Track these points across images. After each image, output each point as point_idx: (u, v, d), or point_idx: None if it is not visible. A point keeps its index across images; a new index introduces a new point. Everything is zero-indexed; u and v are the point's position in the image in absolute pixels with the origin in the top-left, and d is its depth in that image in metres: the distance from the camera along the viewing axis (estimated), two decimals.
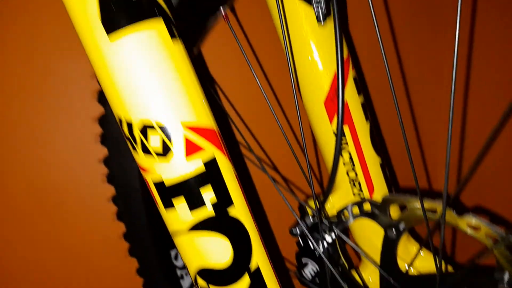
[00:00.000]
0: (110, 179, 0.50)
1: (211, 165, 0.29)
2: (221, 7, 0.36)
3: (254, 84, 0.44)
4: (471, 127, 0.70)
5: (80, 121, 0.56)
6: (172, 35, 0.27)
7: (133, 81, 0.26)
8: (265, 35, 0.57)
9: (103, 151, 0.48)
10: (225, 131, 0.56)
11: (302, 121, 0.38)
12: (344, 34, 0.41)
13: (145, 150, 0.28)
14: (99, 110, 0.46)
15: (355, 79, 0.43)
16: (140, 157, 0.28)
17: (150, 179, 0.29)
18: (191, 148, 0.28)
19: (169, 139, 0.27)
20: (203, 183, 0.28)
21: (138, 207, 0.51)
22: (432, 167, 0.74)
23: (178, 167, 0.28)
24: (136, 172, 0.48)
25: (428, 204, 0.37)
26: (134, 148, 0.28)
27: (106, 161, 0.49)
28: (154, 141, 0.27)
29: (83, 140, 0.57)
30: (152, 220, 0.51)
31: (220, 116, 0.35)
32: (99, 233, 0.62)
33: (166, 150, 0.27)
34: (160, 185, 0.29)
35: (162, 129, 0.27)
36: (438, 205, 0.37)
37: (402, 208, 0.41)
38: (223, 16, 0.37)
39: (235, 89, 0.60)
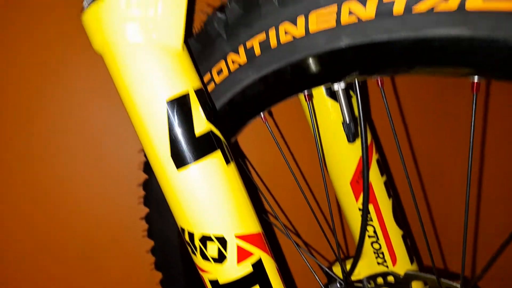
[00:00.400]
0: (150, 234, 0.56)
1: (258, 266, 0.34)
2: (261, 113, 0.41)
3: (286, 166, 0.49)
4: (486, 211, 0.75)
5: (127, 185, 0.62)
6: (227, 161, 0.33)
7: (196, 202, 0.32)
8: (297, 124, 0.62)
9: (145, 210, 0.54)
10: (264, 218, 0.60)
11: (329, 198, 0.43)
12: (368, 121, 0.46)
13: (204, 256, 0.33)
14: (143, 176, 0.53)
15: (378, 161, 0.48)
16: (198, 260, 0.34)
17: (206, 277, 0.34)
18: (242, 255, 0.33)
19: (225, 249, 0.32)
20: (252, 284, 0.33)
21: (174, 259, 0.57)
22: (447, 245, 0.79)
23: (231, 271, 0.33)
24: (173, 228, 0.54)
25: (446, 283, 0.41)
26: (193, 253, 0.34)
27: (147, 219, 0.56)
28: (212, 250, 0.33)
29: (128, 201, 0.64)
30: (187, 270, 0.56)
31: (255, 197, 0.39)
32: (139, 280, 0.68)
33: (221, 257, 0.33)
34: (214, 283, 0.34)
35: (219, 240, 0.32)
36: (455, 285, 0.41)
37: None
38: (261, 118, 0.42)
39: (274, 174, 0.66)
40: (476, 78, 0.26)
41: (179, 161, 0.31)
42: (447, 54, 0.25)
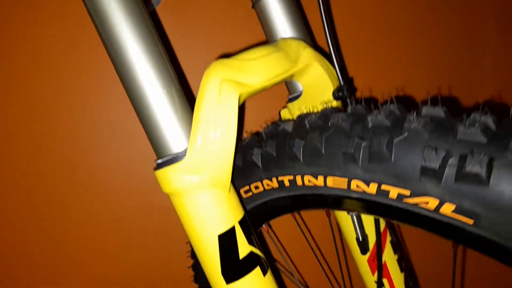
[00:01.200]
0: (196, 279, 0.68)
1: None
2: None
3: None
4: None
5: (179, 243, 0.74)
6: (265, 273, 0.42)
7: None
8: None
9: (191, 261, 0.66)
10: None
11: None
12: None
13: None
14: None
15: (391, 242, 0.56)
16: None
17: None
18: None
19: None
20: None
21: None
22: None
23: None
24: None
25: None
26: None
27: (193, 267, 0.67)
28: None
29: (179, 254, 0.75)
30: None
31: None
32: None
33: None
34: None
35: None
36: None
37: None
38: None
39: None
40: None
41: (228, 278, 0.41)
42: (429, 225, 0.33)
